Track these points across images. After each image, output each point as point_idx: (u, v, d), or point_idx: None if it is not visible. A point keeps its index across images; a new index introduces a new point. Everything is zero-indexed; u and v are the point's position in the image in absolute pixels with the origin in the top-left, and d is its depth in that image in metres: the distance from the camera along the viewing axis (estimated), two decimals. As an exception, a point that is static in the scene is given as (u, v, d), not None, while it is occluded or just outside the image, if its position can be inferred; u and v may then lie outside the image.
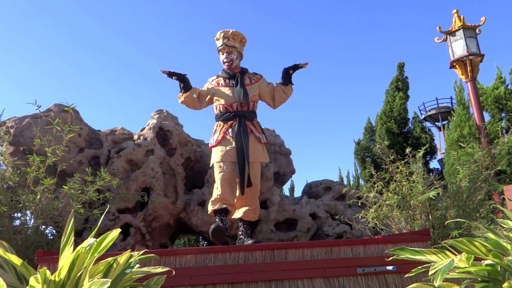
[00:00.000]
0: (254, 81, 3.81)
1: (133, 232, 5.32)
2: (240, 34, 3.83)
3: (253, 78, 3.83)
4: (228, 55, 3.73)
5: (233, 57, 3.76)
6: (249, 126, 3.70)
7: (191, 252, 2.73)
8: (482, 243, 1.77)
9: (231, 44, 3.76)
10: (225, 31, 3.78)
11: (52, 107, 5.57)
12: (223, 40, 3.76)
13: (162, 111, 6.47)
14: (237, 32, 3.81)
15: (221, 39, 3.77)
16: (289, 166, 6.81)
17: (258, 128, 3.77)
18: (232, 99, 3.68)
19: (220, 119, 3.72)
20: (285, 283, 2.62)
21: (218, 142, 3.64)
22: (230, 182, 3.57)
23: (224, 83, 3.76)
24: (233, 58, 3.75)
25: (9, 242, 3.73)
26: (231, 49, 3.75)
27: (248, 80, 3.80)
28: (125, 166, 5.56)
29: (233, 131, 3.63)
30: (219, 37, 3.80)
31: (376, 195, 4.80)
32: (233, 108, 3.68)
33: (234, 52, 3.76)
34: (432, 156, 11.90)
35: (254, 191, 3.65)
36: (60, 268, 1.53)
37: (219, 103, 3.73)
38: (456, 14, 7.80)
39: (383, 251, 2.77)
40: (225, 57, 3.74)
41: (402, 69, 12.28)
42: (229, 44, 3.75)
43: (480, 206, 4.56)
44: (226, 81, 3.77)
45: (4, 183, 4.32)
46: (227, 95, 3.70)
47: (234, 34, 3.79)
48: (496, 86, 9.75)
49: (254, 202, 3.69)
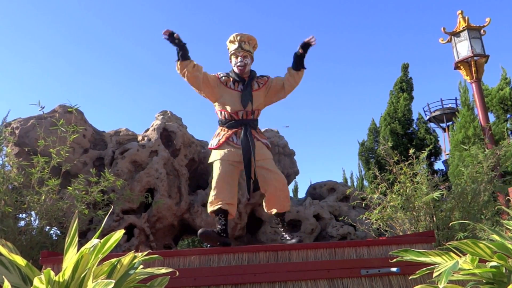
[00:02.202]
0: (262, 84, 3.77)
1: (137, 233, 5.32)
2: (255, 39, 3.81)
3: (260, 82, 3.78)
4: (243, 59, 3.68)
5: (247, 61, 3.71)
6: (254, 134, 3.68)
7: (195, 253, 2.74)
8: (487, 245, 1.77)
9: (247, 48, 3.72)
10: (241, 34, 3.73)
11: (57, 108, 5.60)
12: (239, 43, 3.70)
13: (166, 112, 6.48)
14: (252, 37, 3.78)
15: (237, 42, 3.71)
16: (293, 167, 6.80)
17: (261, 135, 3.78)
18: (238, 107, 3.64)
19: (225, 125, 3.69)
20: (289, 284, 2.62)
21: (219, 146, 3.62)
22: (229, 181, 3.54)
23: (233, 86, 3.71)
24: (247, 63, 3.71)
25: (13, 243, 3.75)
26: (246, 53, 3.71)
27: (256, 85, 3.75)
28: (129, 167, 5.57)
29: (237, 138, 3.61)
30: (234, 40, 3.73)
31: (380, 196, 4.79)
32: (239, 117, 3.65)
33: (248, 57, 3.72)
34: (436, 157, 11.86)
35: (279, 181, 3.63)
36: (64, 269, 1.54)
37: (224, 109, 3.69)
38: (460, 15, 7.78)
39: (387, 253, 2.77)
40: (239, 60, 3.68)
41: (406, 70, 12.25)
42: (245, 48, 3.70)
43: (485, 207, 4.54)
44: (235, 84, 3.71)
45: (9, 184, 4.34)
46: (234, 103, 3.65)
47: (249, 39, 3.76)
48: (501, 87, 9.71)
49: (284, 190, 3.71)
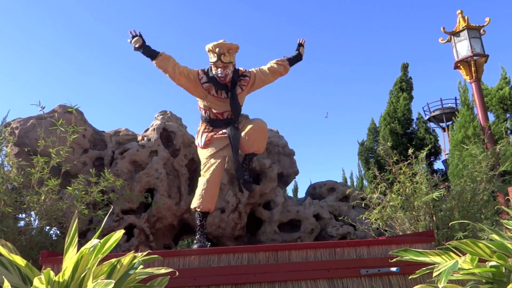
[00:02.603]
0: (245, 86, 3.74)
1: (137, 233, 5.32)
2: (234, 46, 3.64)
3: (243, 84, 3.73)
4: (223, 70, 3.57)
5: (228, 71, 3.60)
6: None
7: (194, 253, 2.74)
8: (487, 245, 1.77)
9: (227, 60, 3.58)
10: (220, 45, 3.55)
11: (57, 108, 5.59)
12: (218, 56, 3.55)
13: (166, 112, 6.48)
14: (231, 46, 3.61)
15: (216, 55, 3.55)
16: (292, 167, 6.80)
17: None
18: (223, 108, 3.68)
19: (209, 123, 3.76)
20: (289, 284, 2.62)
21: (207, 144, 3.71)
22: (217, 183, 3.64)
23: (215, 93, 3.66)
24: (228, 73, 3.60)
25: (13, 243, 3.75)
26: (227, 64, 3.59)
27: (239, 89, 3.71)
28: (129, 167, 5.57)
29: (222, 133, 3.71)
30: (213, 50, 3.58)
31: (379, 196, 4.79)
32: (223, 117, 3.71)
33: (228, 67, 3.60)
34: (436, 157, 11.86)
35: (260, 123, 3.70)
36: (64, 269, 1.54)
37: (208, 109, 3.72)
38: (460, 15, 7.78)
39: (387, 252, 2.77)
40: (220, 72, 3.57)
41: (406, 69, 12.25)
42: (225, 60, 3.57)
43: (485, 207, 4.54)
44: (218, 92, 3.66)
45: (9, 184, 4.34)
46: (219, 107, 3.69)
47: (229, 48, 3.58)
48: (501, 86, 9.71)
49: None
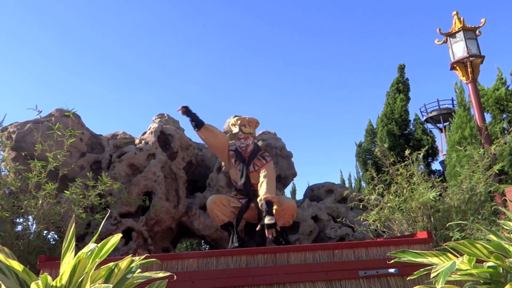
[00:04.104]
0: (258, 167, 4.01)
1: (135, 237, 5.31)
2: (254, 121, 4.10)
3: (256, 164, 4.03)
4: (244, 140, 3.98)
5: (249, 142, 4.01)
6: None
7: (193, 256, 2.74)
8: (484, 245, 1.77)
9: (248, 131, 4.00)
10: (241, 118, 4.02)
11: (54, 112, 5.58)
12: (240, 127, 4.00)
13: (164, 115, 6.47)
14: (252, 119, 4.07)
15: (238, 126, 4.00)
16: (290, 169, 6.79)
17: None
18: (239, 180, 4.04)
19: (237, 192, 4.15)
20: (287, 286, 2.62)
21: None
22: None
23: (234, 164, 4.08)
24: (249, 143, 4.00)
25: (11, 248, 3.74)
26: (247, 135, 4.00)
27: (252, 167, 4.02)
28: (127, 170, 5.56)
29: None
30: (235, 124, 4.03)
31: (377, 198, 4.80)
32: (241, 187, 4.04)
33: (249, 138, 4.01)
34: (433, 157, 11.87)
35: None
36: (61, 274, 1.53)
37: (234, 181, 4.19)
38: (456, 16, 7.80)
39: (385, 254, 2.78)
40: (241, 143, 3.99)
41: (402, 71, 12.26)
42: (246, 131, 3.99)
43: (482, 207, 4.55)
44: (236, 162, 4.07)
45: (6, 188, 4.33)
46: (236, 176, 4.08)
47: (249, 121, 4.05)
48: (497, 87, 9.73)
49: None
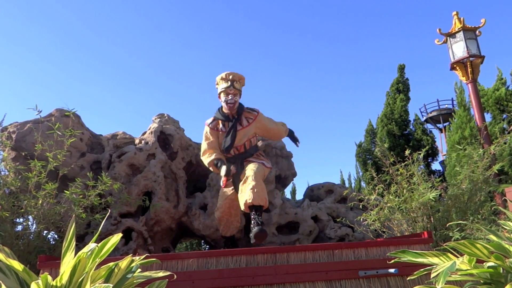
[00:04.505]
0: (251, 120, 3.95)
1: (135, 237, 5.31)
2: (243, 78, 4.01)
3: (249, 118, 3.96)
4: (233, 96, 3.85)
5: (237, 99, 3.89)
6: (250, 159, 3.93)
7: (193, 256, 2.73)
8: (484, 245, 1.77)
9: (238, 87, 3.90)
10: (233, 73, 3.91)
11: (54, 112, 5.58)
12: (231, 82, 3.87)
13: (163, 115, 6.47)
14: (242, 76, 3.98)
15: (230, 81, 3.87)
16: (290, 169, 6.79)
17: (260, 157, 4.01)
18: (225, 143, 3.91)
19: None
20: (287, 286, 2.62)
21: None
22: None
23: (223, 128, 3.94)
24: (237, 100, 3.89)
25: (11, 248, 3.74)
26: (237, 91, 3.88)
27: (245, 121, 3.94)
28: (127, 170, 5.56)
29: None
30: (226, 78, 3.89)
31: (377, 198, 4.80)
32: (231, 154, 3.94)
33: (238, 95, 3.90)
34: (433, 158, 11.87)
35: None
36: (61, 274, 1.53)
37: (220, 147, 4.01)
38: (456, 16, 7.80)
39: (385, 254, 2.77)
40: (230, 98, 3.84)
41: (402, 71, 12.26)
42: (236, 86, 3.88)
43: (482, 207, 4.55)
44: (225, 125, 3.93)
45: (6, 188, 4.33)
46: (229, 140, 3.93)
47: (240, 78, 3.94)
48: (497, 87, 9.73)
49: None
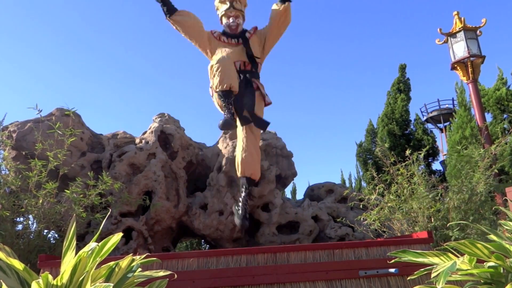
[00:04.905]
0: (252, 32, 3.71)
1: (135, 236, 5.31)
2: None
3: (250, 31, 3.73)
4: (235, 19, 3.61)
5: (240, 21, 3.64)
6: (256, 82, 3.61)
7: (193, 255, 2.73)
8: (485, 245, 1.77)
9: (238, 7, 3.62)
10: None
11: (54, 111, 5.59)
12: (231, 3, 3.59)
13: (164, 115, 6.47)
14: None
15: (229, 2, 3.59)
16: (290, 168, 6.79)
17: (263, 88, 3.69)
18: (236, 57, 3.54)
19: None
20: (287, 286, 2.62)
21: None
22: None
23: (226, 40, 3.63)
24: (240, 23, 3.64)
25: (11, 247, 3.74)
26: (238, 12, 3.62)
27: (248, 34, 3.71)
28: (127, 169, 5.56)
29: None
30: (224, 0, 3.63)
31: (377, 197, 4.79)
32: (236, 67, 3.56)
33: (240, 16, 3.64)
34: (434, 157, 11.86)
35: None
36: (62, 273, 1.53)
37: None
38: (456, 16, 7.80)
39: (385, 254, 2.77)
40: (232, 21, 3.60)
41: (403, 71, 12.25)
42: (237, 7, 3.61)
43: (482, 207, 4.55)
44: (228, 39, 3.63)
45: (7, 188, 4.33)
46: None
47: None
48: (498, 87, 9.72)
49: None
